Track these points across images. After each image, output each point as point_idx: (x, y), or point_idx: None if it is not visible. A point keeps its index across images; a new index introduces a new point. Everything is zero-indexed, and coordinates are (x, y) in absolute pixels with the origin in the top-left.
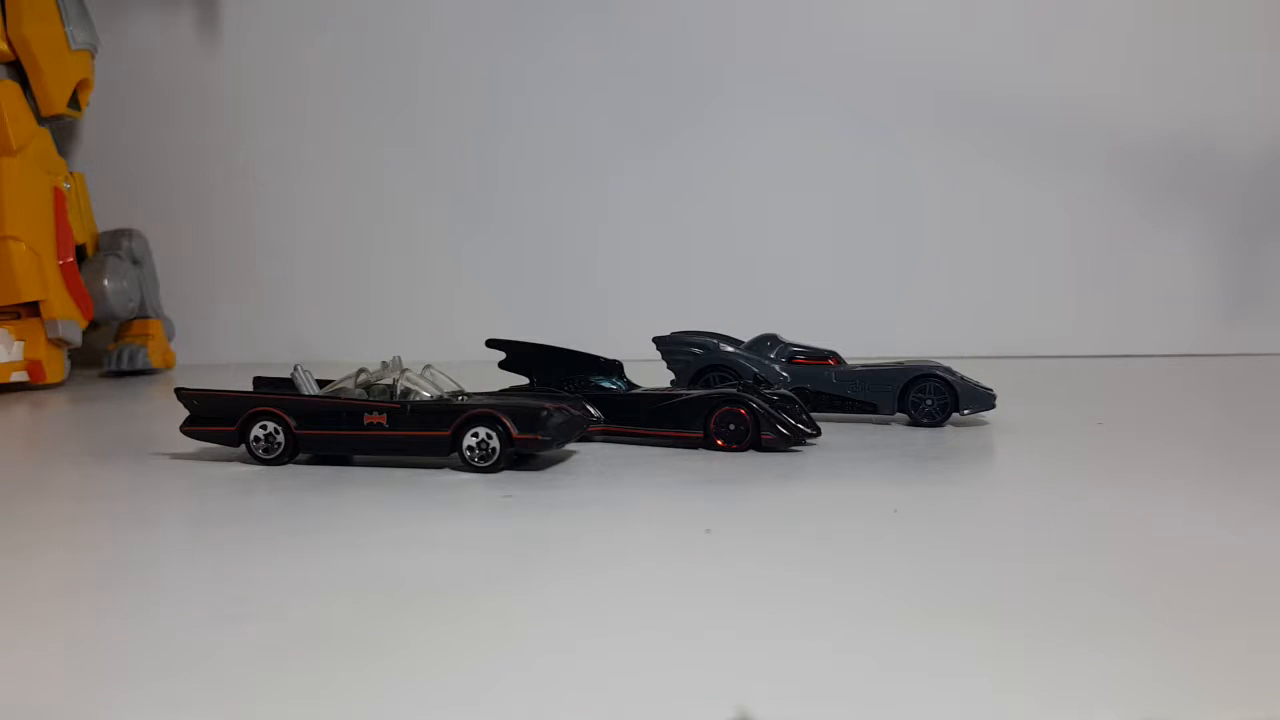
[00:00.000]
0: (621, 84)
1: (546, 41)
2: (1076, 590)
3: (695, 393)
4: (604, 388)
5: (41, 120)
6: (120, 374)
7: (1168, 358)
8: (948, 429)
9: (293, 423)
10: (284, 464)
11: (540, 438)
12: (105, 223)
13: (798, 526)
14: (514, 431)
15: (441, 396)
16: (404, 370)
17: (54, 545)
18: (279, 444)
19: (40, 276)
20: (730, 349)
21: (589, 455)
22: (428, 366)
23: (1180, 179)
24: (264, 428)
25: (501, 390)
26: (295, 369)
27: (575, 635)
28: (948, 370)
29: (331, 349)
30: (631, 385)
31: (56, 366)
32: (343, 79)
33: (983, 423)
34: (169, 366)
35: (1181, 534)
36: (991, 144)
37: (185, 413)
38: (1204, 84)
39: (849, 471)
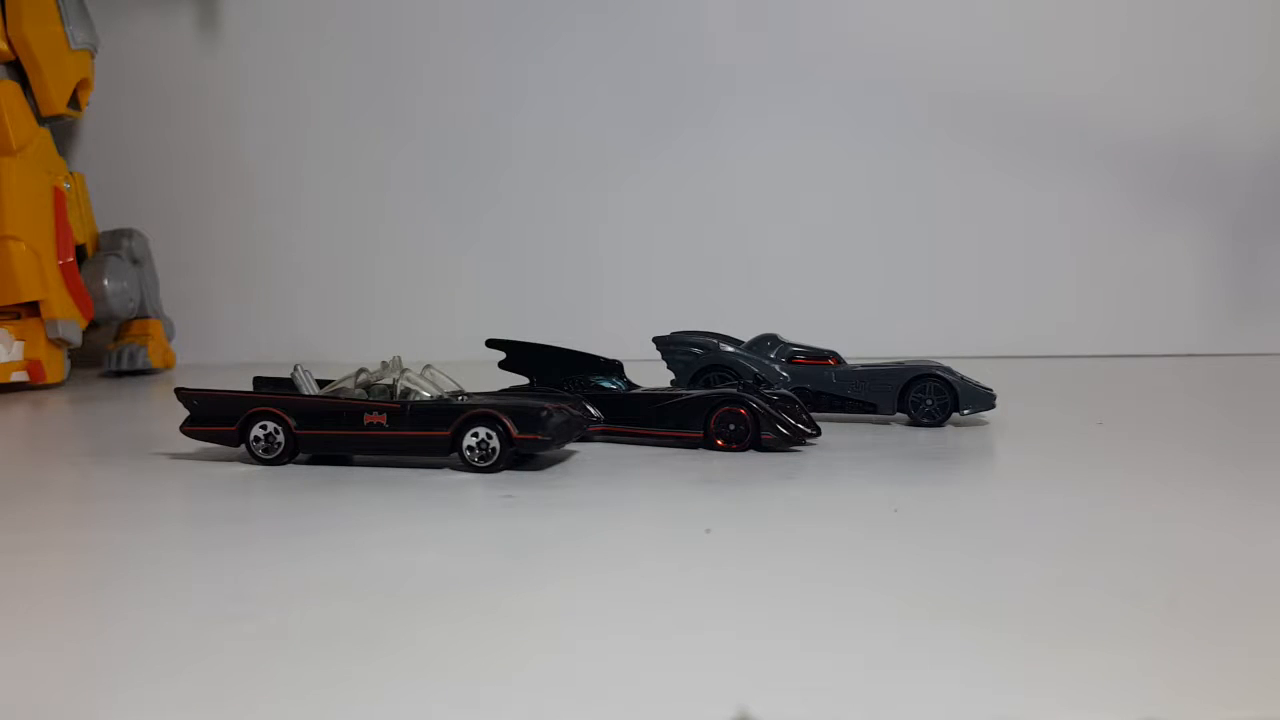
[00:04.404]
0: (621, 85)
1: (546, 41)
2: (1076, 590)
3: (695, 393)
4: (604, 388)
5: (41, 120)
6: (120, 374)
7: (1168, 358)
8: (948, 429)
9: (293, 423)
10: (284, 464)
11: (540, 438)
12: (105, 223)
13: (798, 526)
14: (514, 431)
15: (441, 396)
16: (404, 370)
17: (54, 545)
18: (279, 444)
19: (40, 276)
20: (730, 349)
21: (589, 455)
22: (428, 366)
23: (1180, 179)
24: (264, 428)
25: (501, 390)
26: (295, 369)
27: (575, 635)
28: (948, 370)
29: (331, 349)
30: (631, 385)
31: (56, 366)
32: (343, 79)
33: (983, 423)
34: (169, 366)
35: (1181, 534)
36: (992, 144)
37: (185, 413)
38: (1204, 84)
39: (849, 471)
